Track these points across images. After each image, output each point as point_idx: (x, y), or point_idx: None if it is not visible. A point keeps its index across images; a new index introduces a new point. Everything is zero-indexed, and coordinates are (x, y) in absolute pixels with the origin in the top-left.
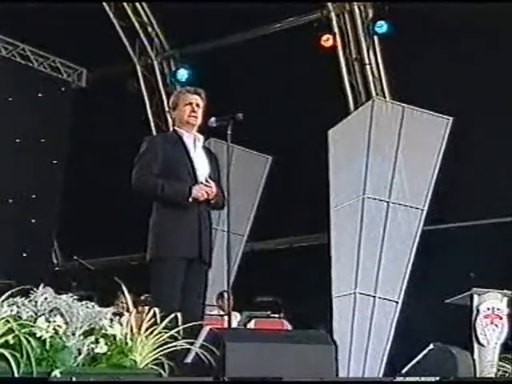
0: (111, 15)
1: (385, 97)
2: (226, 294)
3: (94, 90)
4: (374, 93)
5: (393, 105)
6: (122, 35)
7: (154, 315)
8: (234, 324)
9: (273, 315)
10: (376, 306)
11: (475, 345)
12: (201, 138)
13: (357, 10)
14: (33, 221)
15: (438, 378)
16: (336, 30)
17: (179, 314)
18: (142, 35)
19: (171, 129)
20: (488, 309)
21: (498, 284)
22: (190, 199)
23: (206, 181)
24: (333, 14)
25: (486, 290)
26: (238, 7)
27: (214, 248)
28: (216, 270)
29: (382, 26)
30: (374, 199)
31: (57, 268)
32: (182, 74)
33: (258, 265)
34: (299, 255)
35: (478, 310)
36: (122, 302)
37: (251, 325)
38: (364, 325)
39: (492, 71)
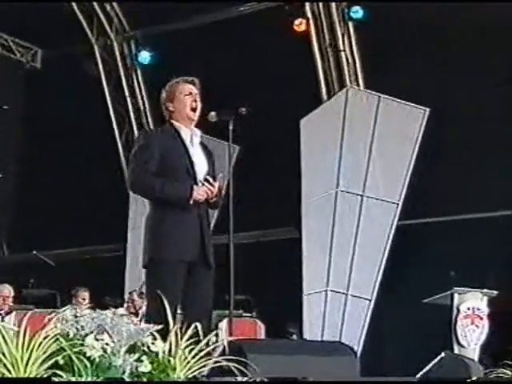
0: None
1: (359, 85)
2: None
3: (49, 72)
4: (348, 81)
5: (368, 94)
6: (79, 13)
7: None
8: None
9: (245, 314)
10: (348, 305)
11: (455, 346)
12: (198, 133)
13: None
14: None
15: None
16: (309, 14)
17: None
18: (100, 14)
19: (157, 123)
20: (468, 309)
21: (478, 282)
22: (191, 201)
23: (206, 180)
24: None
25: (466, 289)
26: None
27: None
28: None
29: (357, 12)
30: (348, 193)
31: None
32: (145, 56)
33: (224, 260)
34: (268, 250)
35: (458, 310)
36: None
37: (223, 324)
38: (335, 324)
39: (472, 60)
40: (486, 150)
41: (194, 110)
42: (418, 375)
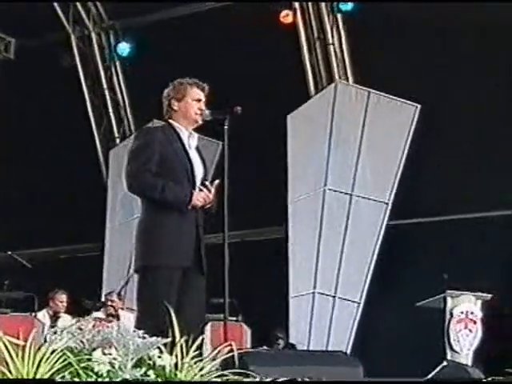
0: None
1: (348, 80)
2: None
3: (23, 63)
4: (336, 75)
5: (357, 89)
6: (55, 2)
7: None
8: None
9: (230, 318)
10: (336, 308)
11: (448, 351)
12: (195, 135)
13: None
14: None
15: None
16: (296, 5)
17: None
18: (77, 3)
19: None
20: (462, 312)
21: (472, 284)
22: (189, 206)
23: (203, 185)
24: None
25: (459, 292)
26: None
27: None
28: None
29: (346, 4)
30: (336, 191)
31: None
32: (124, 48)
33: (207, 261)
34: (253, 250)
35: (451, 314)
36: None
37: (207, 328)
38: (323, 327)
39: (463, 57)
40: (481, 149)
41: (200, 115)
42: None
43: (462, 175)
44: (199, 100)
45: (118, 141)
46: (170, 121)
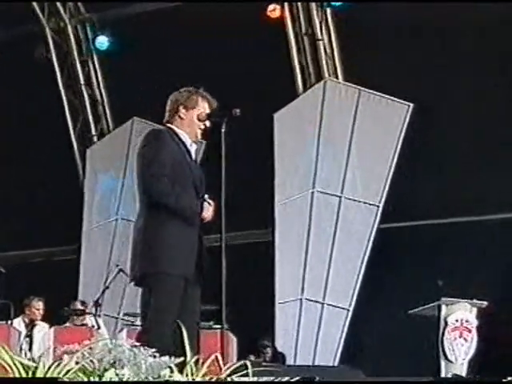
0: None
1: (338, 78)
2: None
3: None
4: (326, 73)
5: (347, 87)
6: None
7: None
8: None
9: (215, 326)
10: (324, 315)
11: (442, 361)
12: (194, 146)
13: None
14: None
15: None
16: None
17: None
18: None
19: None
20: (457, 321)
21: (465, 290)
22: (198, 219)
23: (204, 199)
24: None
25: (454, 299)
26: None
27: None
28: None
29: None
30: (324, 193)
31: None
32: (102, 41)
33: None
34: (238, 254)
35: (446, 322)
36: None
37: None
38: (310, 336)
39: (462, 56)
40: (477, 150)
41: (200, 129)
42: None
43: (459, 177)
44: (207, 116)
45: (95, 139)
46: (174, 127)
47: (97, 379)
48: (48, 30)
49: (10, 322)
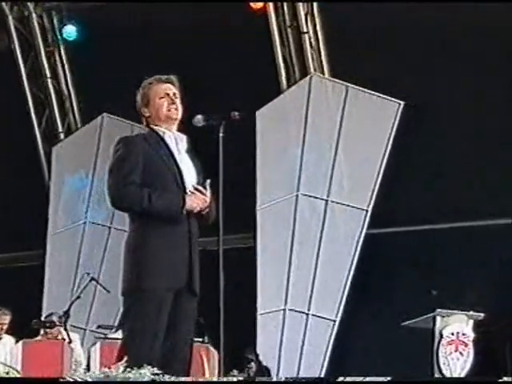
0: None
1: (324, 73)
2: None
3: None
4: (311, 68)
5: (334, 83)
6: None
7: None
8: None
9: (196, 339)
10: (309, 326)
11: (436, 375)
12: (183, 137)
13: None
14: None
15: None
16: None
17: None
18: None
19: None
20: (452, 334)
21: (458, 299)
22: (184, 211)
23: (195, 188)
24: None
25: (450, 311)
26: None
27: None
28: None
29: None
30: (310, 197)
31: None
32: (70, 31)
33: None
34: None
35: (441, 335)
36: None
37: None
38: (294, 348)
39: (453, 51)
40: (474, 151)
41: (174, 109)
42: None
43: (458, 179)
44: (167, 94)
45: (62, 136)
46: (151, 126)
47: None
48: (10, 18)
49: None
